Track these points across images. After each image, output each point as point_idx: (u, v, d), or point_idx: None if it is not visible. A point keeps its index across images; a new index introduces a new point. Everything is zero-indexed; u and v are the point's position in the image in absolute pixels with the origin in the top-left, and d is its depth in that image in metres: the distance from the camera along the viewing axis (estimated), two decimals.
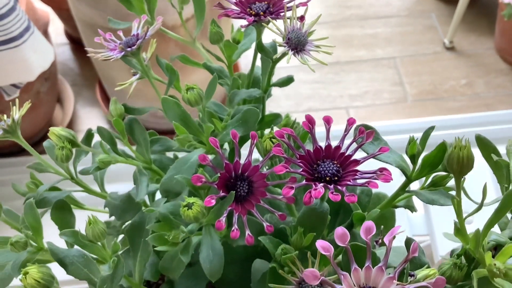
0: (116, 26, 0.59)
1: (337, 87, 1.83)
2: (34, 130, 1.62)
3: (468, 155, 0.38)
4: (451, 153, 0.39)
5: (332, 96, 1.79)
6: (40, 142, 1.70)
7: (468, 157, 0.38)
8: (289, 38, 0.48)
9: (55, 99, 1.68)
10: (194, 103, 0.47)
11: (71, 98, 1.75)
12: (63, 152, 0.51)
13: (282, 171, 0.43)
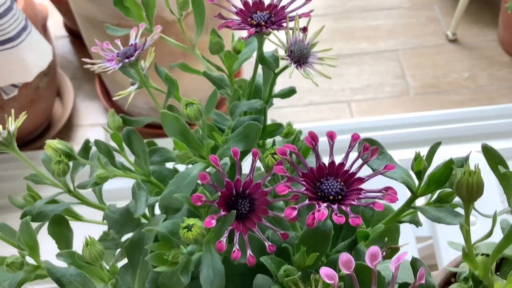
0: (113, 33, 0.58)
1: (339, 81, 1.81)
2: (34, 125, 1.61)
3: (478, 182, 0.37)
4: (460, 179, 0.37)
5: (333, 89, 1.77)
6: (40, 137, 1.70)
7: (478, 184, 0.37)
8: (291, 50, 0.47)
9: (55, 94, 1.67)
10: (194, 119, 0.46)
11: (70, 92, 1.74)
12: (60, 167, 0.50)
13: (284, 191, 0.42)
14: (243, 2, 0.50)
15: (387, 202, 0.41)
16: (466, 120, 1.67)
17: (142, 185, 0.51)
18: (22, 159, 0.54)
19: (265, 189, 0.46)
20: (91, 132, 1.72)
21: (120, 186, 0.64)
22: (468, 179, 0.37)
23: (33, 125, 1.60)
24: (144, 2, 0.57)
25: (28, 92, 1.41)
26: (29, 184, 0.57)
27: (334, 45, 1.88)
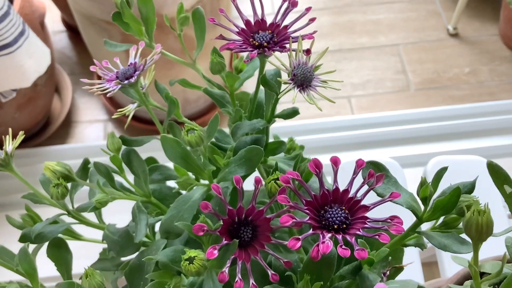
0: (113, 49, 0.57)
1: (339, 76, 1.80)
2: (32, 122, 1.60)
3: (487, 222, 0.36)
4: (470, 219, 0.37)
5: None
6: (38, 135, 1.69)
7: (488, 224, 0.36)
8: (294, 74, 0.46)
9: (53, 91, 1.65)
10: (195, 145, 0.45)
11: (69, 88, 1.72)
12: (59, 190, 0.49)
13: (288, 222, 0.41)
14: (245, 22, 0.49)
15: (393, 232, 0.41)
16: (467, 116, 1.66)
17: (142, 208, 0.51)
18: (20, 179, 0.53)
19: (268, 215, 0.45)
20: (89, 128, 1.71)
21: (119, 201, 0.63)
22: (478, 218, 0.36)
23: (31, 123, 1.59)
24: (144, 17, 0.56)
25: (27, 90, 1.40)
26: (27, 203, 0.56)
27: (335, 40, 1.86)
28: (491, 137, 1.63)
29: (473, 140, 1.63)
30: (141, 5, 0.55)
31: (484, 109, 1.67)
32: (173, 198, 0.57)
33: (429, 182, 0.45)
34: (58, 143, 1.68)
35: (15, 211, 1.48)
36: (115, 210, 0.61)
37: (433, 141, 1.63)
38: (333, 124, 1.64)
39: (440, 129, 1.63)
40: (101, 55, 1.54)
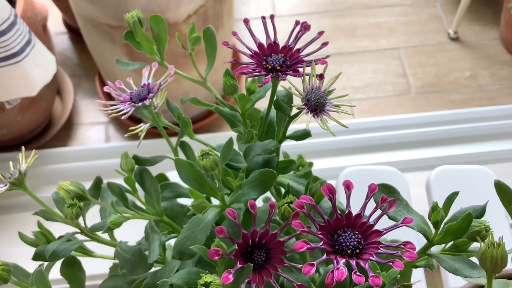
0: (124, 67, 0.57)
1: (340, 79, 1.80)
2: (34, 125, 1.60)
3: (502, 255, 0.37)
4: (485, 252, 0.37)
5: (335, 85, 1.76)
6: (39, 137, 1.69)
7: (502, 257, 0.37)
8: (308, 99, 0.46)
9: (55, 93, 1.65)
10: (210, 170, 0.46)
11: (70, 90, 1.72)
12: (73, 210, 0.49)
13: (303, 248, 0.41)
14: (258, 45, 0.50)
15: (405, 259, 0.41)
16: (467, 121, 1.67)
17: (155, 228, 0.51)
18: (35, 198, 0.53)
19: (281, 239, 0.46)
20: (91, 130, 1.72)
21: None
22: (493, 251, 0.37)
23: (33, 125, 1.59)
24: (156, 36, 0.56)
25: None
26: (39, 220, 0.56)
27: (335, 43, 1.86)
28: (492, 141, 1.64)
29: (474, 144, 1.64)
30: (153, 24, 0.56)
31: (485, 114, 1.68)
32: (185, 216, 0.58)
33: (440, 208, 0.46)
34: (60, 145, 1.68)
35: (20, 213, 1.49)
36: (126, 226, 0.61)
37: (434, 146, 1.63)
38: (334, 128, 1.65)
39: (441, 134, 1.64)
40: (103, 58, 1.54)
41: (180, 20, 1.35)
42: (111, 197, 0.56)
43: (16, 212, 1.50)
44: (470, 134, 1.64)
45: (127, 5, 1.27)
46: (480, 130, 1.64)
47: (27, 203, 1.50)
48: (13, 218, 1.49)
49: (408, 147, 1.64)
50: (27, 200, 1.49)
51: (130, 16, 0.56)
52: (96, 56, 1.55)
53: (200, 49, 0.58)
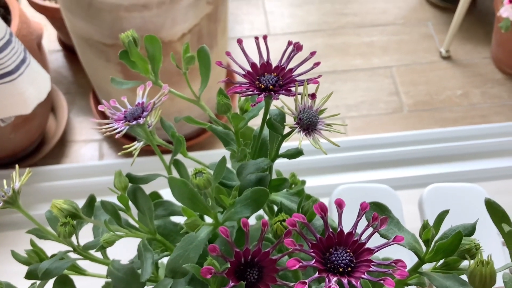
0: (119, 86, 0.58)
1: (333, 97, 1.81)
2: (27, 142, 1.60)
3: (491, 273, 0.37)
4: (474, 270, 0.38)
5: (328, 105, 1.77)
6: (33, 154, 1.69)
7: (491, 275, 0.37)
8: (300, 118, 0.47)
9: (49, 110, 1.66)
10: (203, 188, 0.46)
11: (64, 107, 1.73)
12: (66, 229, 0.50)
13: (295, 266, 0.42)
14: (251, 64, 0.50)
15: (397, 277, 0.42)
16: (459, 139, 1.68)
17: (148, 246, 0.51)
18: (28, 217, 0.53)
19: (274, 257, 0.46)
20: (85, 148, 1.72)
21: None
22: (482, 269, 0.37)
23: (26, 142, 1.59)
24: (150, 56, 0.57)
25: None
26: (32, 238, 0.56)
27: (329, 61, 1.88)
28: (484, 159, 1.66)
29: (466, 162, 1.65)
30: (147, 44, 0.56)
31: (477, 132, 1.70)
32: (178, 234, 0.58)
33: (431, 226, 0.47)
34: (53, 163, 1.68)
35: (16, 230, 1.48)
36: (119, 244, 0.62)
37: (427, 163, 1.65)
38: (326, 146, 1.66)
39: (434, 151, 1.65)
40: (98, 76, 1.54)
41: (175, 38, 1.36)
42: (104, 215, 0.56)
43: (9, 230, 1.49)
44: (462, 152, 1.66)
45: (122, 24, 1.29)
46: (472, 148, 1.66)
47: (20, 221, 1.50)
48: (6, 236, 1.48)
49: (400, 164, 1.65)
50: (20, 218, 1.48)
51: (125, 35, 0.57)
52: (91, 74, 1.55)
53: (194, 66, 0.59)
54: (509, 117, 1.79)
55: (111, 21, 1.29)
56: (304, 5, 2.05)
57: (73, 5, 1.30)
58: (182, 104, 1.47)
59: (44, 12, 1.68)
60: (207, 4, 1.36)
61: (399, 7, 2.06)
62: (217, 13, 1.43)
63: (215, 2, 1.39)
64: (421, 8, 2.05)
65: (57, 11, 1.64)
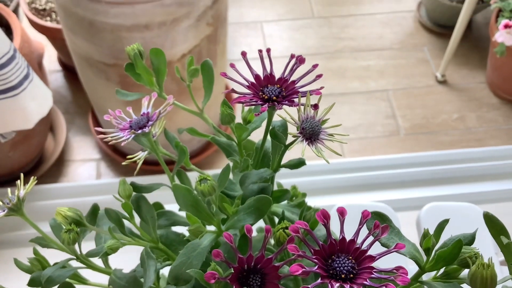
0: (124, 98, 0.59)
1: (331, 119, 1.83)
2: (26, 160, 1.60)
3: (492, 275, 0.38)
4: (475, 272, 0.38)
5: (327, 125, 1.78)
6: (31, 173, 1.69)
7: (492, 277, 0.38)
8: (303, 128, 0.48)
9: (48, 129, 1.66)
10: (207, 194, 0.47)
11: (63, 127, 1.73)
12: (70, 236, 0.50)
13: (298, 271, 0.42)
14: (254, 76, 0.51)
15: (398, 283, 0.42)
16: (456, 162, 1.69)
17: (151, 254, 0.52)
18: (32, 225, 0.54)
19: (276, 263, 0.46)
20: (82, 167, 1.72)
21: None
22: (483, 271, 0.38)
23: (25, 161, 1.60)
24: (155, 68, 0.58)
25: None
26: (35, 247, 0.57)
27: (326, 84, 1.90)
28: (480, 182, 1.67)
29: (462, 185, 1.66)
30: (152, 57, 0.58)
31: (473, 155, 1.71)
32: (180, 244, 0.59)
33: (431, 234, 0.47)
34: (51, 182, 1.68)
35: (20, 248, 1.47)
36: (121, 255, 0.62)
37: (423, 186, 1.65)
38: (325, 167, 1.67)
39: (430, 174, 1.66)
40: (97, 96, 1.56)
41: (175, 59, 1.38)
42: (107, 225, 0.57)
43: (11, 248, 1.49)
44: (458, 174, 1.67)
45: (123, 44, 1.30)
46: (469, 171, 1.67)
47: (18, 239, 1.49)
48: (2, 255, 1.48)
49: (397, 186, 1.66)
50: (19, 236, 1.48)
51: (131, 48, 0.58)
52: (90, 93, 1.57)
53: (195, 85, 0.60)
54: (505, 141, 1.81)
55: (112, 41, 1.31)
56: (302, 29, 2.08)
57: (75, 25, 1.32)
58: (182, 122, 1.48)
59: (45, 32, 1.70)
60: (207, 25, 1.38)
61: (395, 32, 2.09)
62: (216, 35, 1.45)
63: (215, 24, 1.41)
64: (417, 34, 2.09)
65: (58, 31, 1.66)
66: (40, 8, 1.75)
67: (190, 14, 1.30)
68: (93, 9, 1.25)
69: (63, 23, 1.36)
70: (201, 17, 1.33)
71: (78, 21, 1.29)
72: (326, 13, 2.15)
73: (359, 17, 2.14)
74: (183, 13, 1.30)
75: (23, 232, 1.48)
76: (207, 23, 1.37)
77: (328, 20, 2.13)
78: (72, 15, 1.29)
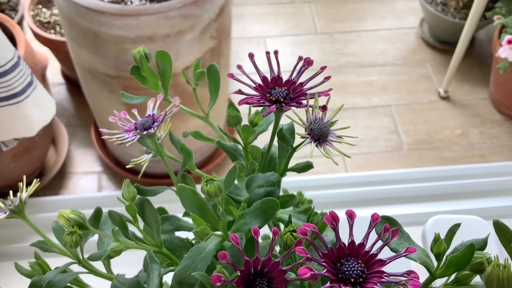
0: (129, 101, 0.58)
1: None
2: (26, 172, 1.59)
3: (508, 276, 0.37)
4: (491, 273, 0.37)
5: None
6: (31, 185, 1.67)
7: (509, 279, 0.37)
8: (311, 129, 0.47)
9: (50, 141, 1.66)
10: (214, 195, 0.46)
11: (65, 139, 1.73)
12: (73, 238, 0.49)
13: (307, 274, 0.41)
14: (262, 78, 0.51)
15: (410, 287, 0.41)
16: (459, 178, 1.68)
17: (154, 258, 0.50)
18: (33, 227, 0.53)
19: (283, 267, 0.45)
20: (84, 180, 1.71)
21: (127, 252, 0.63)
22: (499, 272, 0.37)
23: (26, 173, 1.59)
24: (161, 72, 0.57)
25: (24, 140, 1.40)
26: (36, 251, 0.55)
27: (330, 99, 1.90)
28: (482, 198, 1.66)
29: (465, 201, 1.65)
30: (159, 60, 0.57)
31: (476, 171, 1.70)
32: (184, 249, 0.58)
33: (442, 239, 0.46)
34: (51, 194, 1.67)
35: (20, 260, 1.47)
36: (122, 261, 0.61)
37: (426, 201, 1.64)
38: (327, 182, 1.66)
39: (434, 189, 1.65)
40: (100, 107, 1.55)
41: (178, 71, 1.37)
42: (110, 230, 0.56)
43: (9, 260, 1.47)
44: (461, 190, 1.66)
45: (127, 56, 1.30)
46: (472, 187, 1.66)
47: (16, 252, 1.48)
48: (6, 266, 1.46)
49: (400, 202, 1.65)
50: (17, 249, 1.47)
51: (137, 51, 0.58)
52: (93, 105, 1.56)
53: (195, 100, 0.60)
54: (508, 157, 1.80)
55: (116, 52, 1.31)
56: (305, 44, 2.09)
57: (79, 37, 1.32)
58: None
59: (49, 45, 1.70)
60: (211, 38, 1.38)
61: (398, 48, 2.10)
62: (220, 48, 1.45)
63: (219, 37, 1.41)
64: (419, 50, 2.09)
65: (62, 44, 1.66)
66: (44, 21, 1.76)
67: (194, 26, 1.31)
68: (98, 20, 1.25)
69: (68, 35, 1.37)
70: (205, 30, 1.33)
71: (82, 33, 1.29)
72: (329, 29, 2.16)
73: (362, 33, 2.15)
74: (188, 25, 1.30)
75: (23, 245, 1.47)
76: (211, 36, 1.37)
77: (331, 36, 2.14)
78: (77, 26, 1.29)
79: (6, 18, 1.47)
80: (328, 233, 0.53)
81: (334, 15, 2.22)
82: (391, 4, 2.27)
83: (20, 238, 1.48)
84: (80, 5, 1.23)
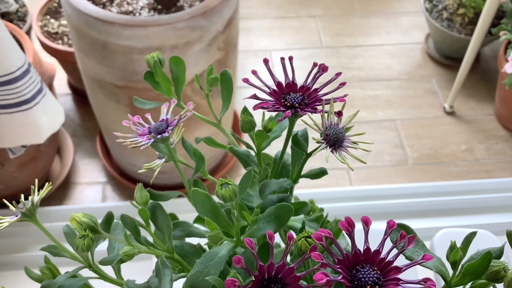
0: (141, 106, 0.58)
1: None
2: (31, 182, 1.59)
3: None
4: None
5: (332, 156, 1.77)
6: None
7: None
8: (327, 134, 0.47)
9: (55, 151, 1.66)
10: (229, 199, 0.46)
11: (70, 149, 1.73)
12: (85, 242, 0.49)
13: (322, 280, 0.41)
14: (276, 83, 0.51)
15: None
16: (464, 193, 1.68)
17: (166, 263, 0.50)
18: (44, 231, 0.53)
19: (298, 273, 0.45)
20: (88, 190, 1.71)
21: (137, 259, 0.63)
22: None
23: (31, 182, 1.58)
24: (174, 77, 0.57)
25: (30, 149, 1.40)
26: (46, 255, 0.55)
27: None
28: (488, 214, 1.65)
29: (470, 216, 1.64)
30: (172, 65, 0.57)
31: (482, 187, 1.70)
32: (195, 255, 0.57)
33: (458, 247, 0.46)
34: (56, 204, 1.66)
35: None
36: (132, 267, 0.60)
37: (431, 216, 1.63)
38: (332, 195, 1.65)
39: (439, 204, 1.64)
40: (107, 118, 1.55)
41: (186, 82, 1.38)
42: (120, 235, 0.55)
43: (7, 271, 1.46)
44: (467, 206, 1.65)
45: (135, 66, 1.31)
46: (477, 203, 1.65)
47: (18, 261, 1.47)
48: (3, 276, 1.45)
49: (405, 216, 1.64)
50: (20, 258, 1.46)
51: (151, 57, 0.58)
52: (100, 115, 1.57)
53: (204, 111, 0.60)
54: None
55: (124, 63, 1.31)
56: (311, 58, 2.09)
57: (87, 47, 1.32)
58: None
59: (56, 55, 1.71)
60: (218, 50, 1.39)
61: (403, 63, 2.10)
62: (227, 60, 1.45)
63: (226, 49, 1.41)
64: (425, 65, 2.09)
65: (69, 54, 1.67)
66: (52, 32, 1.77)
67: (202, 38, 1.31)
68: (106, 31, 1.25)
69: (76, 44, 1.37)
70: (212, 41, 1.34)
71: (90, 43, 1.30)
72: (334, 43, 2.17)
73: (367, 47, 2.16)
74: (195, 37, 1.30)
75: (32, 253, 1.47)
76: (218, 47, 1.38)
77: (336, 50, 2.14)
78: (85, 36, 1.29)
79: (14, 28, 1.48)
80: (341, 240, 0.53)
81: (339, 30, 2.23)
82: (396, 19, 2.28)
83: (27, 247, 1.48)
84: (89, 15, 1.24)
